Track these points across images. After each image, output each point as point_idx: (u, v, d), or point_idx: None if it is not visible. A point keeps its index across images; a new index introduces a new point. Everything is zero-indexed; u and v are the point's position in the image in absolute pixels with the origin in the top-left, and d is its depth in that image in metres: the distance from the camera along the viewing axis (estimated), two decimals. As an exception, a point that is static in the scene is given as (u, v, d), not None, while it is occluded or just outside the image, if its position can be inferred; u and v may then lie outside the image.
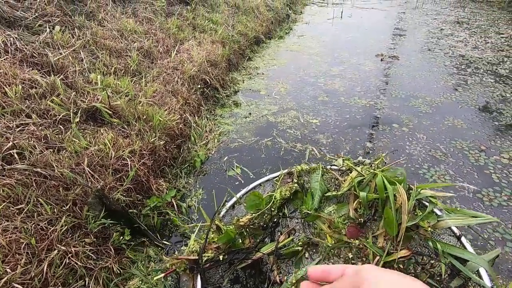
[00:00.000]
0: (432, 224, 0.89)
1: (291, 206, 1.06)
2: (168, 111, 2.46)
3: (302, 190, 1.07)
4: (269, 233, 0.98)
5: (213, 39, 4.01)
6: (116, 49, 2.75)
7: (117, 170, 1.83)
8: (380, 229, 0.90)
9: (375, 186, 0.95)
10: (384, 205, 0.92)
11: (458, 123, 2.92)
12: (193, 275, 0.89)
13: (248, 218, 0.97)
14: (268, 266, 0.90)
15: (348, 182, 1.01)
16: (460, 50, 4.85)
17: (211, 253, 0.89)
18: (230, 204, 1.13)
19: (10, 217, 1.38)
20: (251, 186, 1.18)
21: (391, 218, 0.84)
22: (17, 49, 2.03)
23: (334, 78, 3.98)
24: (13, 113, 1.71)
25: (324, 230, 0.94)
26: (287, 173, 1.15)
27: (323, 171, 1.11)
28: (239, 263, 0.88)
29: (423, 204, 0.96)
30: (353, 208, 0.96)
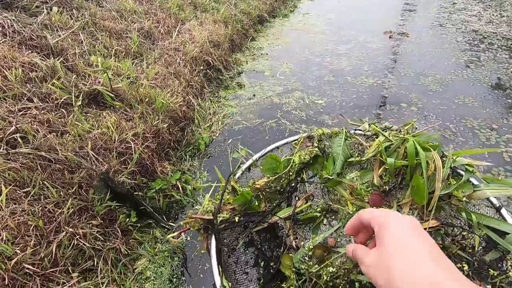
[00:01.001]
0: (468, 194, 0.84)
1: (310, 171, 1.01)
2: (170, 94, 2.42)
3: (322, 155, 1.01)
4: (285, 198, 0.95)
5: (215, 18, 3.89)
6: (116, 30, 2.68)
7: (121, 153, 1.82)
8: (406, 198, 0.86)
9: (403, 153, 0.89)
10: (412, 173, 0.87)
11: (469, 101, 2.82)
12: (207, 235, 0.88)
13: (265, 182, 0.94)
14: (284, 231, 0.87)
15: (373, 147, 0.95)
16: (473, 25, 4.63)
17: (226, 214, 0.87)
18: (246, 166, 1.08)
19: (18, 200, 1.39)
20: (268, 148, 1.12)
21: (421, 186, 0.79)
22: (15, 32, 1.98)
23: (341, 57, 3.86)
24: (14, 97, 1.70)
25: (345, 196, 0.91)
26: (307, 136, 1.10)
27: (346, 136, 1.05)
28: (255, 226, 0.86)
29: (457, 173, 0.90)
30: (377, 175, 0.90)
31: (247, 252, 0.85)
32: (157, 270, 1.56)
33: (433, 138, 0.95)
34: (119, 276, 1.50)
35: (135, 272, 1.54)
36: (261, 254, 0.83)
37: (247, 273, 0.82)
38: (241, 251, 0.85)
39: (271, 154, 1.02)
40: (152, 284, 1.50)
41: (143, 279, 1.52)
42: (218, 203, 0.89)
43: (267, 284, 0.77)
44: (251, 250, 0.85)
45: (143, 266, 1.57)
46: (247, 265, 0.83)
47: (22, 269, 1.23)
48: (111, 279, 1.47)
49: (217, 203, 0.89)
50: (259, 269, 0.82)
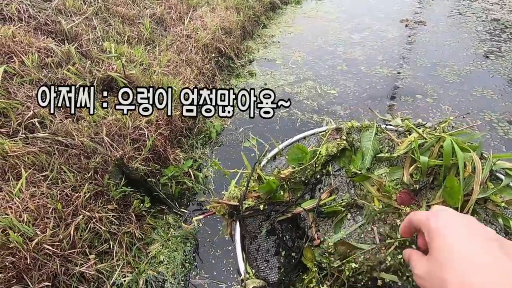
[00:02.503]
0: (507, 199, 0.79)
1: (336, 164, 0.99)
2: (183, 81, 2.42)
3: (351, 148, 0.99)
4: (309, 190, 0.93)
5: (227, 4, 3.82)
6: (129, 16, 2.67)
7: (135, 139, 1.84)
8: (437, 198, 0.83)
9: (437, 152, 0.86)
10: (446, 174, 0.83)
11: (488, 94, 2.74)
12: (232, 220, 0.89)
13: (290, 172, 0.93)
14: (306, 222, 0.87)
15: (406, 144, 0.92)
16: (495, 14, 4.44)
17: (251, 201, 0.87)
18: (272, 154, 1.07)
19: (37, 184, 1.43)
20: (294, 138, 1.10)
21: (456, 188, 0.76)
22: (30, 17, 1.99)
23: (354, 46, 3.76)
24: (31, 82, 1.72)
25: (372, 192, 0.88)
26: (335, 128, 1.07)
27: (377, 130, 1.02)
28: (278, 216, 0.86)
29: (496, 177, 0.86)
30: (408, 173, 0.88)
31: (269, 241, 0.85)
32: (170, 255, 1.60)
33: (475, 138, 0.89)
34: (133, 259, 1.54)
35: (148, 256, 1.58)
36: (282, 244, 0.83)
37: (268, 261, 0.82)
38: (262, 238, 0.86)
39: (298, 144, 1.00)
40: (166, 268, 1.55)
41: (156, 263, 1.56)
42: (244, 189, 0.89)
43: (288, 273, 0.78)
44: (272, 239, 0.85)
45: (157, 250, 1.61)
46: (268, 253, 0.84)
47: (43, 249, 1.27)
48: (126, 262, 1.52)
49: (243, 190, 0.89)
50: (280, 258, 0.82)
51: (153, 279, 1.50)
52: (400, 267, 0.72)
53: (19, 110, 1.56)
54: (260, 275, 0.79)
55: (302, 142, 1.09)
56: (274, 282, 0.77)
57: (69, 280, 1.32)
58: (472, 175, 0.79)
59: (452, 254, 0.30)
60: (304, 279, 0.76)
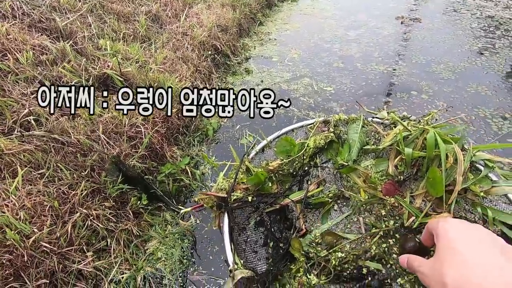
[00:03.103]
0: (485, 189, 0.82)
1: (324, 156, 1.01)
2: (179, 79, 2.41)
3: (338, 141, 1.01)
4: (297, 181, 0.95)
5: (223, 2, 3.81)
6: (124, 13, 2.65)
7: (131, 137, 1.84)
8: (420, 189, 0.85)
9: (421, 144, 0.88)
10: (429, 165, 0.86)
11: (482, 90, 2.76)
12: (220, 212, 0.90)
13: (278, 163, 0.95)
14: (294, 213, 0.89)
15: (391, 136, 0.94)
16: (490, 11, 4.47)
17: (240, 193, 0.88)
18: (260, 146, 1.09)
19: (33, 181, 1.43)
20: (283, 130, 1.12)
21: (438, 178, 0.78)
22: (25, 14, 1.98)
23: (350, 43, 3.78)
24: (26, 79, 1.71)
25: (358, 184, 0.90)
26: (323, 121, 1.09)
27: (364, 123, 1.04)
28: (266, 207, 0.88)
29: (476, 167, 0.89)
30: (393, 164, 0.90)
31: (257, 232, 0.87)
32: (168, 251, 1.60)
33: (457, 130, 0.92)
34: (131, 256, 1.55)
35: (146, 253, 1.59)
36: (270, 235, 0.85)
37: (256, 252, 0.84)
38: (251, 230, 0.87)
39: (286, 137, 1.01)
40: (163, 265, 1.55)
41: (154, 260, 1.57)
42: (232, 181, 0.90)
43: (276, 264, 0.79)
44: (260, 230, 0.87)
45: (154, 247, 1.62)
46: (257, 244, 0.85)
47: (40, 247, 1.27)
48: (124, 259, 1.52)
49: (231, 182, 0.90)
50: (268, 249, 0.84)
51: (151, 276, 1.50)
52: (384, 255, 0.75)
53: (14, 108, 1.55)
54: (248, 266, 0.80)
55: (290, 135, 1.11)
56: (262, 272, 0.78)
57: (66, 277, 1.32)
58: (454, 166, 0.81)
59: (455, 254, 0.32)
60: (292, 268, 0.78)
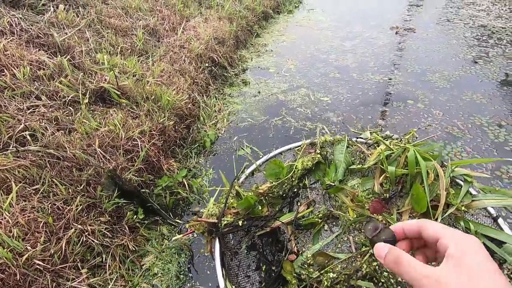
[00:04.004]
0: (466, 203, 0.85)
1: (312, 177, 1.03)
2: (176, 91, 2.43)
3: (325, 161, 1.03)
4: (287, 203, 0.96)
5: (219, 15, 3.87)
6: (122, 27, 2.68)
7: (128, 150, 1.83)
8: (406, 205, 0.88)
9: (404, 161, 0.91)
10: (412, 182, 0.88)
11: (477, 98, 2.79)
12: (211, 238, 0.90)
13: (268, 186, 0.96)
14: (285, 235, 0.89)
15: (375, 155, 0.97)
16: (482, 20, 4.55)
17: (230, 218, 0.89)
18: (250, 170, 1.11)
19: (27, 197, 1.41)
20: (271, 154, 1.15)
21: (421, 194, 0.81)
22: (23, 30, 2.00)
23: (346, 54, 3.82)
24: (23, 95, 1.71)
25: (346, 203, 0.92)
26: (309, 143, 1.12)
27: (348, 143, 1.08)
28: (257, 230, 0.88)
29: (456, 183, 0.92)
30: (378, 182, 0.92)
31: (249, 256, 0.87)
32: (164, 267, 1.57)
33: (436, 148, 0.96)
34: (127, 273, 1.52)
35: (142, 269, 1.56)
36: (263, 258, 0.85)
37: (249, 277, 0.83)
38: (243, 254, 0.87)
39: (275, 160, 1.04)
40: (160, 281, 1.52)
41: (150, 275, 1.54)
42: (223, 206, 0.90)
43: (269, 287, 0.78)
44: (253, 254, 0.87)
45: (151, 262, 1.59)
46: (249, 269, 0.85)
47: (33, 265, 1.25)
48: (119, 275, 1.49)
49: (221, 207, 0.91)
50: (260, 273, 0.83)
51: (147, 292, 1.47)
52: (375, 274, 0.76)
53: (10, 123, 1.55)
54: None
55: (278, 157, 1.14)
56: None
57: (60, 295, 1.29)
58: (435, 182, 0.84)
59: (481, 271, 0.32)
60: None
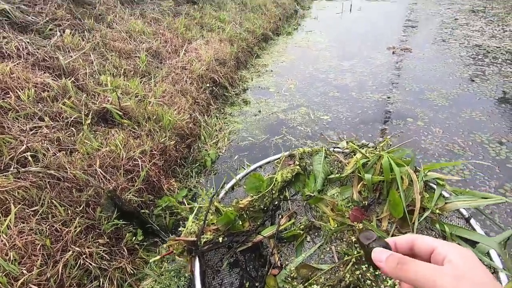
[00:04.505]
0: (440, 206, 0.87)
1: (292, 189, 1.04)
2: (177, 111, 2.46)
3: (304, 173, 1.05)
4: (269, 216, 0.96)
5: (220, 37, 3.99)
6: (125, 50, 2.76)
7: (128, 170, 1.83)
8: (384, 212, 0.89)
9: (380, 169, 0.92)
10: (389, 188, 0.90)
11: (476, 116, 2.81)
12: (191, 257, 0.87)
13: (248, 201, 0.96)
14: (268, 249, 0.88)
15: (352, 164, 0.99)
16: (477, 40, 4.67)
17: (210, 235, 0.87)
18: (230, 185, 1.11)
19: (26, 219, 1.40)
20: (251, 168, 1.16)
21: (397, 200, 0.82)
22: (29, 53, 2.06)
23: (345, 73, 3.90)
24: (26, 116, 1.74)
25: (327, 213, 0.93)
26: (288, 155, 1.14)
27: (326, 153, 1.09)
28: (239, 246, 0.86)
29: (430, 186, 0.94)
30: (357, 190, 0.94)
31: (232, 273, 0.85)
32: (163, 291, 1.53)
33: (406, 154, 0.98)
34: (124, 297, 1.47)
35: (140, 293, 1.51)
36: (246, 275, 0.83)
37: None
38: (225, 272, 0.85)
39: (254, 173, 1.05)
40: (158, 306, 1.47)
41: (148, 300, 1.49)
42: (202, 224, 0.89)
43: None
44: (236, 271, 0.85)
45: (149, 286, 1.54)
46: (232, 286, 0.82)
47: (28, 290, 1.21)
48: (117, 300, 1.44)
49: (200, 224, 0.90)
50: None
51: (144, 319, 1.42)
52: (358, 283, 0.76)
53: (12, 145, 1.56)
54: None
55: (258, 171, 1.14)
56: None
57: (55, 322, 1.24)
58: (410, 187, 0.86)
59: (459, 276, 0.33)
60: None
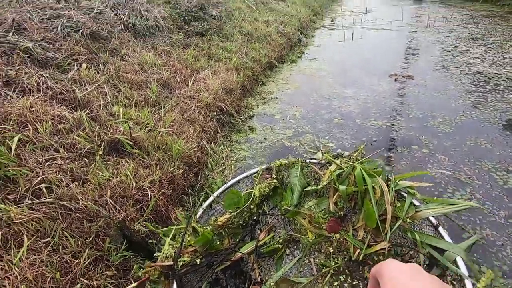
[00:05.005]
0: (411, 215, 0.89)
1: (270, 203, 1.06)
2: (186, 140, 2.52)
3: (281, 186, 1.07)
4: (249, 231, 0.97)
5: (227, 67, 4.16)
6: (137, 81, 2.89)
7: (137, 200, 1.87)
8: (360, 221, 0.92)
9: (354, 179, 0.95)
10: (364, 198, 0.92)
11: (481, 143, 2.82)
12: (169, 281, 0.88)
13: (227, 217, 0.98)
14: (249, 265, 0.89)
15: (327, 175, 1.01)
16: (477, 67, 4.77)
17: (188, 257, 0.88)
18: (207, 203, 1.14)
19: (38, 251, 1.42)
20: (229, 183, 1.18)
21: (371, 210, 0.84)
22: (48, 87, 2.18)
23: (348, 100, 3.98)
24: (42, 148, 1.81)
25: (305, 225, 0.95)
26: (266, 168, 1.16)
27: (303, 165, 1.12)
28: (218, 265, 0.87)
29: (401, 195, 0.96)
30: (333, 202, 0.97)
31: None
32: (169, 326, 1.50)
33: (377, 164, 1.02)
34: (130, 332, 1.45)
35: (146, 328, 1.49)
36: None
37: None
38: None
39: (232, 189, 1.07)
40: None
41: (154, 336, 1.46)
42: (179, 246, 0.90)
43: None
44: None
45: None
46: None
47: (36, 325, 1.21)
48: (122, 336, 1.42)
49: (177, 247, 0.91)
50: None
51: None
52: None
53: (28, 176, 1.62)
54: None
55: (236, 186, 1.16)
56: None
57: None
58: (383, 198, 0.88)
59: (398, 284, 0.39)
60: None
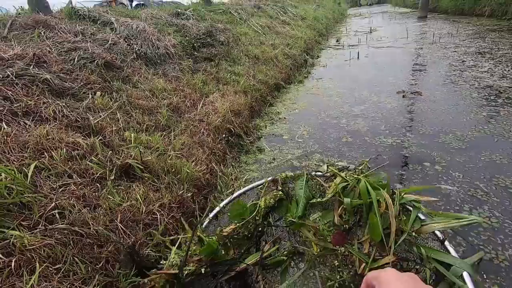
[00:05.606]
0: (416, 229, 0.88)
1: (276, 214, 1.05)
2: (195, 163, 2.56)
3: (287, 198, 1.07)
4: (254, 243, 0.96)
5: (235, 89, 4.26)
6: (148, 107, 2.99)
7: (147, 224, 1.88)
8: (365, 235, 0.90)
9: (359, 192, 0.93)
10: (369, 211, 0.90)
11: (497, 158, 2.74)
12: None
13: (232, 228, 0.97)
14: (253, 277, 0.87)
15: (332, 188, 1.01)
16: (487, 81, 4.72)
17: (193, 266, 0.87)
18: (213, 214, 1.14)
19: (49, 277, 1.43)
20: (234, 195, 1.18)
21: (375, 223, 0.83)
22: (64, 116, 2.28)
23: (357, 118, 3.98)
24: (57, 174, 1.87)
25: (310, 238, 0.94)
26: (271, 180, 1.16)
27: (308, 178, 1.12)
28: (223, 275, 0.86)
29: (407, 209, 0.95)
30: (338, 214, 0.96)
31: None
32: None
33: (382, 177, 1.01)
34: None
35: None
36: None
37: None
38: None
39: (238, 200, 1.07)
40: None
41: None
42: (184, 255, 0.90)
43: None
44: None
45: None
46: None
47: None
48: None
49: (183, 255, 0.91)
50: None
51: None
52: None
53: (42, 203, 1.67)
54: None
55: (242, 198, 1.16)
56: None
57: None
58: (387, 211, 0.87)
59: None
60: None
